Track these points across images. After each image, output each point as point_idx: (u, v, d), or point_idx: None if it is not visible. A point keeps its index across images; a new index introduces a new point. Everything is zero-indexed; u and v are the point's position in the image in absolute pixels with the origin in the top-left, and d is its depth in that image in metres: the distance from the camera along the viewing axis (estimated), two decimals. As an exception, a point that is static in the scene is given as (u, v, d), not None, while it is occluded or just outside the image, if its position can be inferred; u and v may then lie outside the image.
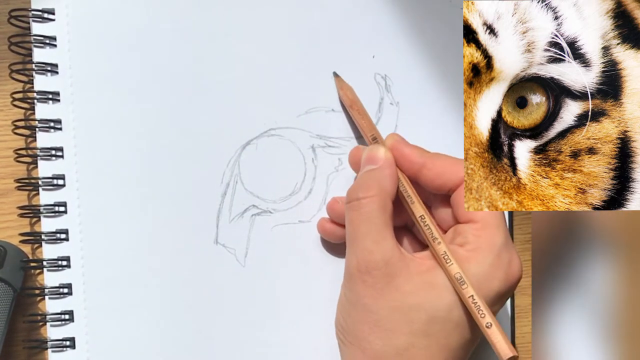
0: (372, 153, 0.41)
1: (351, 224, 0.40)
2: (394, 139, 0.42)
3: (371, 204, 0.39)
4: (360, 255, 0.38)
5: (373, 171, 0.40)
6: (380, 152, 0.41)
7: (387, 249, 0.38)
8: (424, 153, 0.41)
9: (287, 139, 0.45)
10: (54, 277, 0.42)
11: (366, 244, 0.38)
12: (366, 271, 0.38)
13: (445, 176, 0.40)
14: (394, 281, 0.37)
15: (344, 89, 0.45)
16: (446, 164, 0.40)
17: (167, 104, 0.44)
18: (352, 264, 0.39)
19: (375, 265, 0.38)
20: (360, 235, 0.39)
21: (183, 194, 0.44)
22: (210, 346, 0.43)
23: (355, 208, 0.39)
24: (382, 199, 0.39)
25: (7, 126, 0.43)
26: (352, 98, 0.44)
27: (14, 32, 0.43)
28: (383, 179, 0.40)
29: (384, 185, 0.39)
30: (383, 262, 0.38)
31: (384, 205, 0.39)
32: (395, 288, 0.37)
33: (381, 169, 0.40)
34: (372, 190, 0.39)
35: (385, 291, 0.37)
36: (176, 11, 0.45)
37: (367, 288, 0.38)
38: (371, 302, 0.38)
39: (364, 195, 0.39)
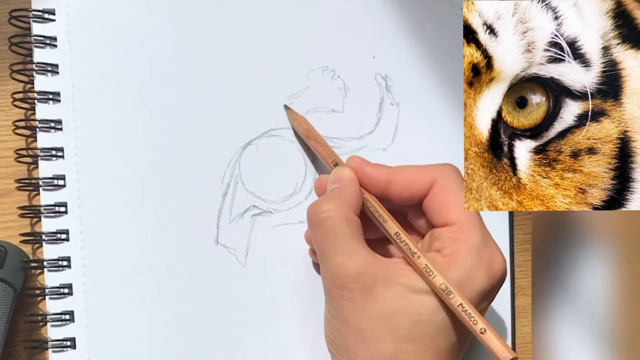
0: (336, 175, 0.41)
1: (318, 241, 0.39)
2: (355, 161, 0.41)
3: (333, 217, 0.38)
4: (333, 271, 0.38)
5: (336, 189, 0.40)
6: (344, 172, 0.40)
7: (359, 260, 0.37)
8: (387, 169, 0.41)
9: (287, 140, 0.45)
10: (54, 277, 0.42)
11: (336, 259, 0.38)
12: (342, 286, 0.37)
13: (412, 186, 0.40)
14: (373, 291, 0.37)
15: (298, 120, 0.45)
16: (410, 174, 0.40)
17: (167, 104, 0.44)
18: (327, 280, 0.38)
19: (350, 279, 0.37)
20: (328, 251, 0.38)
21: (183, 194, 0.44)
22: (211, 346, 0.43)
23: (318, 224, 0.39)
24: (343, 212, 0.38)
25: (7, 126, 0.43)
26: (307, 127, 0.44)
27: (15, 32, 0.43)
28: (344, 192, 0.39)
29: (345, 198, 0.39)
30: (357, 275, 0.37)
31: (347, 217, 0.38)
32: (374, 297, 0.37)
33: (343, 186, 0.40)
34: (332, 203, 0.39)
35: (365, 302, 0.37)
36: (176, 11, 0.45)
37: (346, 302, 0.37)
38: (352, 314, 0.37)
39: (324, 210, 0.38)
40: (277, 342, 0.44)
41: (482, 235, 0.38)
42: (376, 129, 0.46)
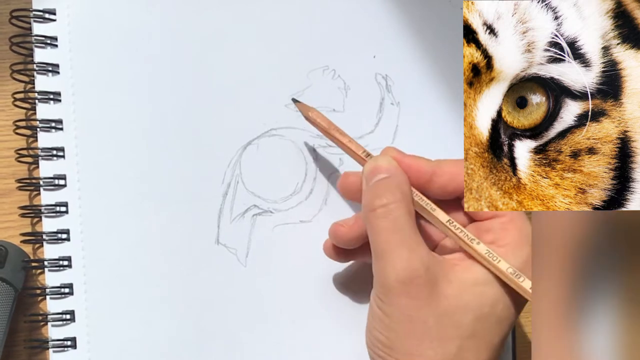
0: (377, 164, 0.39)
1: (380, 233, 0.37)
2: (395, 152, 0.40)
3: (399, 209, 0.37)
4: (399, 266, 0.36)
5: (388, 179, 0.38)
6: (390, 162, 0.39)
7: (423, 254, 0.36)
8: (429, 161, 0.40)
9: (288, 139, 0.45)
10: (55, 277, 0.42)
11: (402, 253, 0.36)
12: (408, 281, 0.36)
13: (457, 179, 0.39)
14: (436, 287, 0.36)
15: (313, 112, 0.43)
16: (454, 167, 0.39)
17: (168, 104, 0.44)
18: (389, 276, 0.36)
19: (417, 273, 0.36)
20: (393, 244, 0.37)
21: (184, 194, 0.44)
22: (211, 346, 0.43)
23: (383, 215, 0.37)
24: (407, 204, 0.37)
25: (8, 126, 0.43)
26: (325, 120, 0.42)
27: (15, 32, 0.43)
28: (402, 184, 0.38)
29: (405, 190, 0.38)
30: (424, 269, 0.36)
31: (410, 210, 0.37)
32: (438, 294, 0.36)
33: (395, 176, 0.38)
34: (396, 194, 0.37)
35: (430, 299, 0.36)
36: (177, 11, 0.45)
37: (410, 299, 0.36)
38: (417, 313, 0.36)
39: (389, 201, 0.37)
40: (277, 342, 0.44)
41: (530, 224, 0.38)
42: (376, 128, 0.46)
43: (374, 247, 0.38)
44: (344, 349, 0.44)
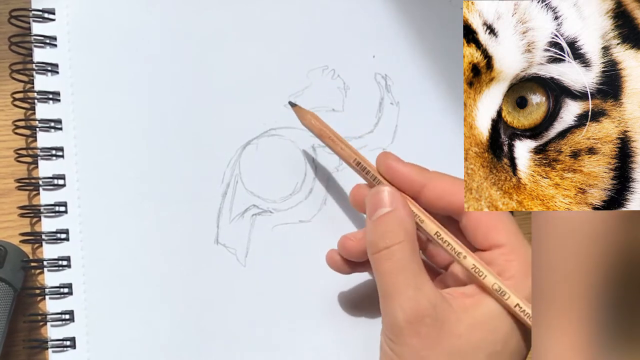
0: (379, 196, 0.38)
1: (385, 275, 0.37)
2: (388, 159, 0.39)
3: (403, 250, 0.36)
4: (407, 306, 0.35)
5: (390, 214, 0.37)
6: (387, 193, 0.38)
7: (430, 293, 0.36)
8: (423, 172, 0.39)
9: (287, 139, 0.45)
10: (54, 277, 0.42)
11: (409, 293, 0.35)
12: (417, 321, 0.35)
13: (448, 197, 0.38)
14: (446, 325, 0.35)
15: (308, 116, 0.41)
16: (448, 183, 0.39)
17: (167, 104, 0.44)
18: (398, 317, 0.35)
19: (426, 312, 0.35)
20: (399, 285, 0.36)
21: (183, 194, 0.44)
22: (211, 346, 0.43)
23: (387, 257, 0.36)
24: (411, 243, 0.37)
25: (7, 126, 0.43)
26: (321, 124, 0.41)
27: (15, 32, 0.43)
28: (405, 221, 0.37)
29: (408, 228, 0.37)
30: (432, 307, 0.35)
31: (414, 248, 0.37)
32: (449, 333, 0.35)
33: (397, 210, 0.37)
34: (399, 235, 0.37)
35: (441, 338, 0.35)
36: (176, 11, 0.45)
37: (422, 340, 0.35)
38: (428, 353, 0.35)
39: (392, 242, 0.36)
40: (276, 341, 0.44)
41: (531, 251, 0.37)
42: (376, 128, 0.46)
43: (380, 288, 0.37)
44: (344, 349, 0.44)
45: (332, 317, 0.45)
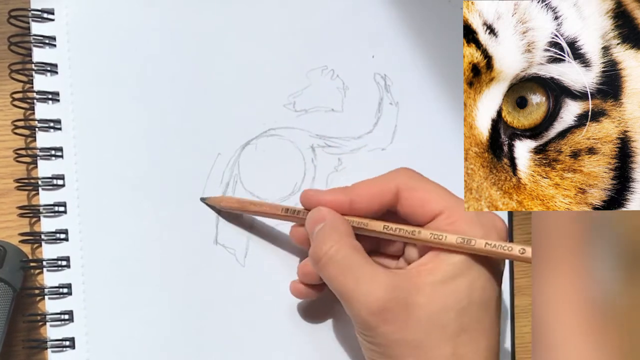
0: (313, 216, 0.40)
1: (334, 279, 0.38)
2: (310, 195, 0.41)
3: (341, 249, 0.38)
4: (364, 300, 0.36)
5: (324, 226, 0.39)
6: (320, 210, 0.40)
7: (383, 279, 0.37)
8: (345, 191, 0.40)
9: (286, 139, 0.45)
10: (53, 277, 0.42)
11: (362, 288, 0.37)
12: (380, 310, 0.36)
13: (377, 199, 0.40)
14: (408, 302, 0.36)
15: (223, 200, 0.44)
16: (370, 188, 0.40)
17: (166, 103, 0.44)
18: (361, 313, 0.37)
19: (384, 299, 0.36)
20: (350, 283, 0.37)
21: (183, 194, 0.44)
22: (210, 346, 0.43)
23: (329, 262, 0.38)
24: (348, 243, 0.38)
25: (6, 126, 0.43)
26: (235, 200, 0.44)
27: (14, 32, 0.43)
28: (337, 224, 0.39)
29: (341, 230, 0.39)
30: (390, 292, 0.36)
31: (352, 245, 0.38)
32: (413, 307, 0.36)
33: (329, 221, 0.39)
34: (333, 238, 0.38)
35: (408, 316, 0.36)
36: (176, 11, 0.45)
37: (390, 324, 0.36)
38: (402, 334, 0.36)
39: (328, 247, 0.38)
40: (275, 342, 0.44)
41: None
42: (375, 128, 0.46)
43: (336, 294, 0.38)
44: (344, 348, 0.44)
45: (331, 316, 0.45)
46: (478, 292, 0.37)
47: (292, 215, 0.42)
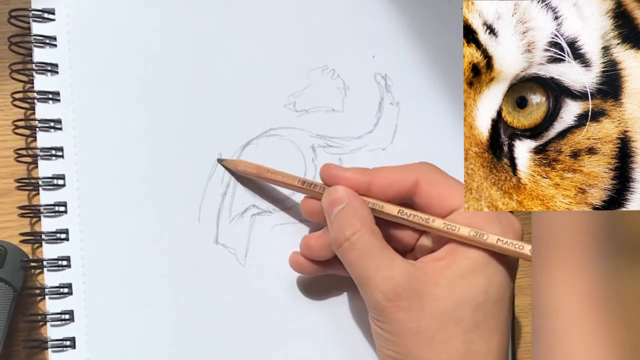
0: (332, 196, 0.40)
1: (354, 264, 0.38)
2: (330, 169, 0.41)
3: (363, 236, 0.38)
4: (383, 286, 0.37)
5: (345, 208, 0.39)
6: (339, 191, 0.40)
7: (401, 267, 0.37)
8: (366, 171, 0.41)
9: (287, 139, 0.45)
10: (54, 277, 0.42)
11: (381, 274, 0.37)
12: (397, 298, 0.37)
13: (395, 186, 0.40)
14: (425, 293, 0.37)
15: (240, 164, 0.44)
16: (391, 174, 0.40)
17: (167, 103, 0.44)
18: (377, 299, 0.37)
19: (402, 287, 0.37)
20: (369, 269, 0.38)
21: (183, 194, 0.44)
22: (210, 346, 0.43)
23: (350, 248, 0.38)
24: (369, 228, 0.38)
25: (7, 126, 0.43)
26: (254, 166, 0.44)
27: (14, 32, 0.43)
28: (359, 210, 0.39)
29: (364, 216, 0.39)
30: (407, 281, 0.37)
31: (374, 232, 0.39)
32: (429, 298, 0.37)
33: (351, 203, 0.39)
34: (356, 224, 0.38)
35: (423, 306, 0.37)
36: (176, 11, 0.45)
37: (405, 312, 0.37)
38: (416, 323, 0.37)
39: (351, 233, 0.38)
40: (275, 342, 0.44)
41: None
42: (376, 128, 0.46)
43: (354, 278, 0.39)
44: (344, 348, 0.44)
45: (332, 316, 0.45)
46: (494, 288, 0.37)
47: (308, 188, 0.42)
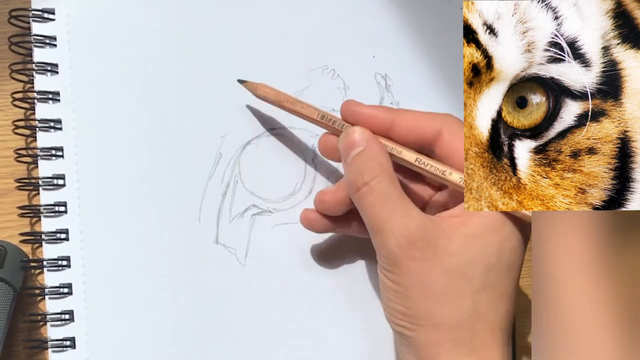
0: (350, 138, 0.39)
1: (370, 210, 0.38)
2: (351, 106, 0.40)
3: (382, 182, 0.37)
4: (398, 234, 0.36)
5: (363, 152, 0.38)
6: (357, 133, 0.39)
7: (418, 217, 0.37)
8: (388, 110, 0.40)
9: (287, 139, 0.45)
10: (54, 277, 0.42)
11: (397, 221, 0.37)
12: (411, 246, 0.36)
13: (417, 130, 0.39)
14: (439, 246, 0.36)
15: (260, 88, 0.43)
16: (415, 117, 0.40)
17: (167, 103, 0.44)
18: (391, 246, 0.37)
19: (417, 236, 0.36)
20: (386, 216, 0.37)
21: (183, 194, 0.44)
22: (211, 346, 0.43)
23: (368, 192, 0.38)
24: (388, 174, 0.38)
25: (7, 126, 0.43)
26: (274, 92, 0.42)
27: (14, 32, 0.43)
28: (378, 155, 0.38)
29: (383, 161, 0.38)
30: (422, 231, 0.36)
31: (393, 179, 0.38)
32: (443, 252, 0.36)
33: (370, 148, 0.38)
34: (375, 169, 0.38)
35: (436, 259, 0.36)
36: (176, 11, 0.45)
37: (417, 263, 0.36)
38: (427, 275, 0.36)
39: (370, 178, 0.37)
40: (276, 341, 0.44)
41: None
42: (376, 128, 0.46)
43: (369, 224, 0.38)
44: (344, 348, 0.44)
45: (332, 316, 0.45)
46: (508, 252, 0.37)
47: (327, 123, 0.41)
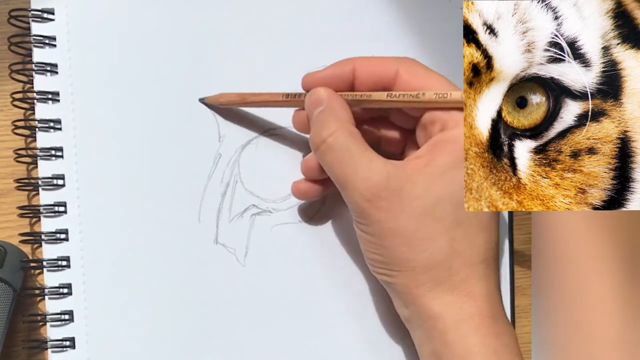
0: (312, 98, 0.40)
1: (333, 165, 0.39)
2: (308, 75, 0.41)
3: (339, 136, 0.38)
4: (361, 186, 0.37)
5: (323, 111, 0.39)
6: (319, 92, 0.40)
7: (380, 167, 0.37)
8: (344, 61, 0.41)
9: (287, 139, 0.45)
10: (53, 277, 0.42)
11: (359, 173, 0.37)
12: (375, 198, 0.37)
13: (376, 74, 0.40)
14: (404, 192, 0.37)
15: (221, 97, 0.44)
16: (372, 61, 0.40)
17: (167, 103, 0.44)
18: (357, 199, 0.37)
19: (380, 186, 0.37)
20: (348, 169, 0.38)
21: (183, 194, 0.44)
22: (210, 346, 0.43)
23: (328, 150, 0.38)
24: (346, 128, 0.38)
25: (7, 126, 0.43)
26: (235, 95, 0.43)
27: (14, 32, 0.43)
28: (334, 110, 0.39)
29: (338, 114, 0.39)
30: (385, 180, 0.37)
31: (350, 131, 0.38)
32: (408, 197, 0.37)
33: (329, 105, 0.39)
34: (332, 125, 0.38)
35: (402, 204, 0.36)
36: (175, 10, 0.45)
37: (384, 212, 0.37)
38: (395, 223, 0.37)
39: (327, 135, 0.38)
40: (276, 341, 0.44)
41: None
42: (376, 128, 0.46)
43: (334, 180, 0.39)
44: (345, 348, 0.44)
45: (332, 316, 0.45)
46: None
47: (292, 99, 0.42)
